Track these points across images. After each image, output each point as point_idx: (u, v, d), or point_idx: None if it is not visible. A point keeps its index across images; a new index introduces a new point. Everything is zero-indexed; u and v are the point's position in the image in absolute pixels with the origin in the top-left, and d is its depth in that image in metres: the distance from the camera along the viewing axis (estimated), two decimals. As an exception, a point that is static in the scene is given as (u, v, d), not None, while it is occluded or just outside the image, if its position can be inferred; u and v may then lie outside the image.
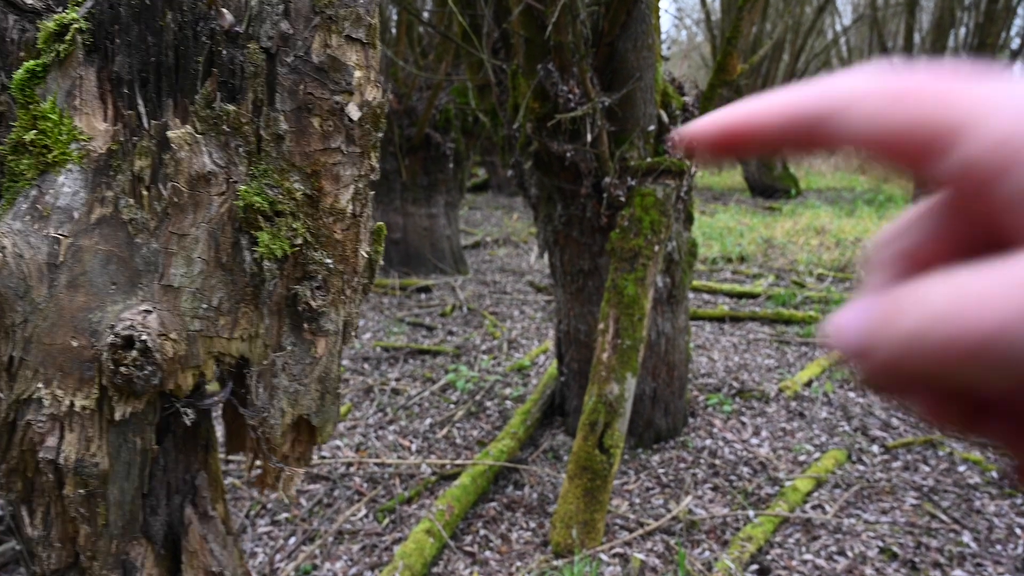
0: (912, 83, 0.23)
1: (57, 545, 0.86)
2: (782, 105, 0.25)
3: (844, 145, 0.24)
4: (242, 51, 0.77)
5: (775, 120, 0.25)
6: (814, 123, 0.24)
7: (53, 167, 0.77)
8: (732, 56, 2.92)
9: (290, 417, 0.94)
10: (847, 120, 0.24)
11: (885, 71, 0.24)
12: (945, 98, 0.22)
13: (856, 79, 0.24)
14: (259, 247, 0.82)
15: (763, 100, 0.26)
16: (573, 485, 2.49)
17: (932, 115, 0.22)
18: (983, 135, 0.21)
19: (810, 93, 0.25)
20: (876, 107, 0.23)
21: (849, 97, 0.24)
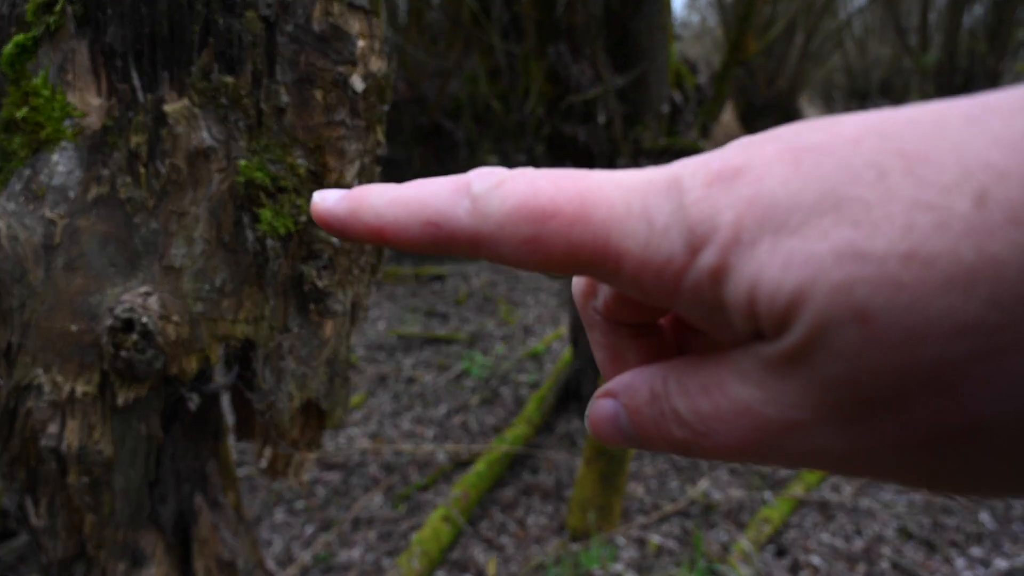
0: (546, 202, 0.23)
1: (63, 535, 0.85)
2: (424, 223, 0.24)
3: (506, 264, 0.24)
4: (240, 20, 0.74)
5: (421, 237, 0.24)
6: (464, 247, 0.24)
7: (46, 145, 0.74)
8: (747, 34, 2.86)
9: (298, 401, 0.92)
10: (501, 250, 0.23)
11: (508, 180, 0.23)
12: (585, 218, 0.22)
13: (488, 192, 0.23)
14: (262, 224, 0.79)
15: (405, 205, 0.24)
16: (589, 470, 2.47)
17: (582, 240, 0.22)
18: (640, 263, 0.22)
19: (452, 211, 0.24)
20: (523, 238, 0.23)
21: (495, 224, 0.23)
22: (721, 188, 0.21)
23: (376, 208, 0.25)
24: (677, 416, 0.23)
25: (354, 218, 0.25)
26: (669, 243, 0.21)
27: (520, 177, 0.23)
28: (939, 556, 2.26)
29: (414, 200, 0.24)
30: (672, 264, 0.21)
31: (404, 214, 0.24)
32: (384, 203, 0.25)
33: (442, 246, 0.24)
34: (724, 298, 0.21)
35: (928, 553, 2.27)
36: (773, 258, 0.19)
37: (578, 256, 0.23)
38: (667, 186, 0.22)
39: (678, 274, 0.21)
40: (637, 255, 0.22)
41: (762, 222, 0.20)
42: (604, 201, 0.22)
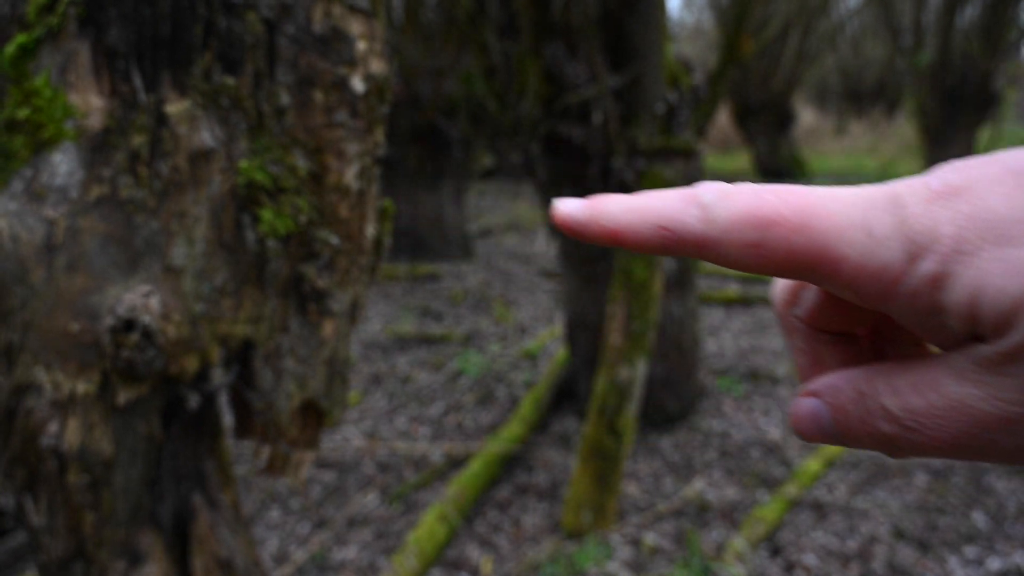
0: (770, 211, 0.25)
1: (62, 534, 0.85)
2: (657, 227, 0.27)
3: (729, 267, 0.27)
4: (241, 21, 0.75)
5: (652, 239, 0.27)
6: (691, 249, 0.26)
7: (48, 145, 0.74)
8: (741, 35, 2.87)
9: (297, 400, 0.92)
10: (726, 252, 0.26)
11: (735, 192, 0.26)
12: (806, 227, 0.24)
13: (718, 201, 0.26)
14: (262, 225, 0.79)
15: (639, 212, 0.27)
16: (584, 469, 2.48)
17: (803, 247, 0.25)
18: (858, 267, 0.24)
19: (684, 218, 0.26)
20: (748, 242, 0.25)
21: (722, 228, 0.26)
22: (941, 204, 0.23)
23: (613, 214, 0.27)
24: (886, 412, 0.25)
25: (593, 222, 0.28)
26: (888, 251, 0.24)
27: (746, 189, 0.26)
28: (933, 556, 2.27)
29: (647, 207, 0.27)
30: (889, 270, 0.24)
31: (638, 219, 0.27)
32: (620, 210, 0.27)
33: (670, 248, 0.27)
34: (942, 302, 0.23)
35: (922, 553, 2.29)
36: (995, 266, 0.22)
37: (797, 260, 0.25)
38: (887, 202, 0.24)
39: (895, 279, 0.24)
40: (855, 261, 0.24)
41: (983, 234, 0.22)
42: (825, 212, 0.25)
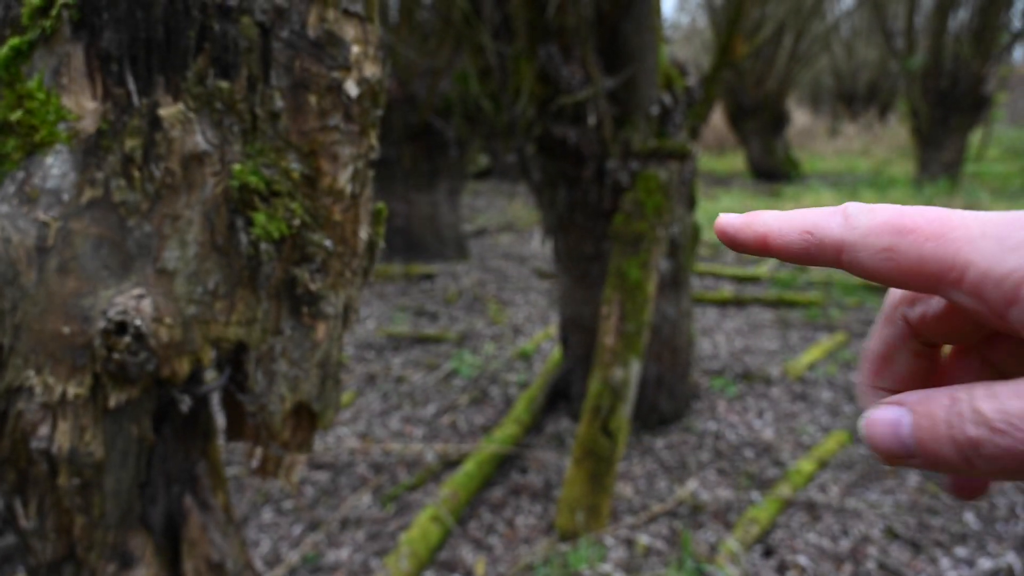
0: (908, 221, 0.27)
1: (52, 536, 0.85)
2: (803, 230, 0.29)
3: (860, 275, 0.29)
4: (235, 25, 0.75)
5: (796, 243, 0.29)
6: (830, 254, 0.29)
7: (40, 148, 0.74)
8: (736, 37, 2.88)
9: (290, 403, 0.92)
10: (860, 256, 0.28)
11: (879, 207, 0.28)
12: (940, 236, 0.26)
13: (861, 212, 0.28)
14: (255, 228, 0.79)
15: (788, 219, 0.30)
16: (578, 470, 2.48)
17: (933, 254, 0.26)
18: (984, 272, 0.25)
19: (828, 223, 0.29)
20: (882, 246, 0.27)
21: (861, 233, 0.28)
22: None
23: (766, 220, 0.30)
24: (978, 415, 0.25)
25: (747, 227, 0.31)
26: (1016, 258, 0.25)
27: (890, 206, 0.28)
28: (924, 556, 2.28)
29: (797, 215, 0.30)
30: (1015, 275, 0.24)
31: (787, 225, 0.30)
32: (772, 217, 0.30)
33: (812, 252, 0.29)
34: None
35: (914, 553, 2.30)
36: None
37: (925, 268, 0.26)
38: (1019, 220, 0.25)
39: (1019, 284, 0.24)
40: (982, 267, 0.25)
41: None
42: (960, 224, 0.26)
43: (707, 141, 15.45)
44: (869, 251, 0.27)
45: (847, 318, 4.66)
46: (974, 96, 9.22)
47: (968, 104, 9.28)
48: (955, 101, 9.29)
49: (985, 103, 9.32)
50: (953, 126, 9.46)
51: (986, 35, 8.81)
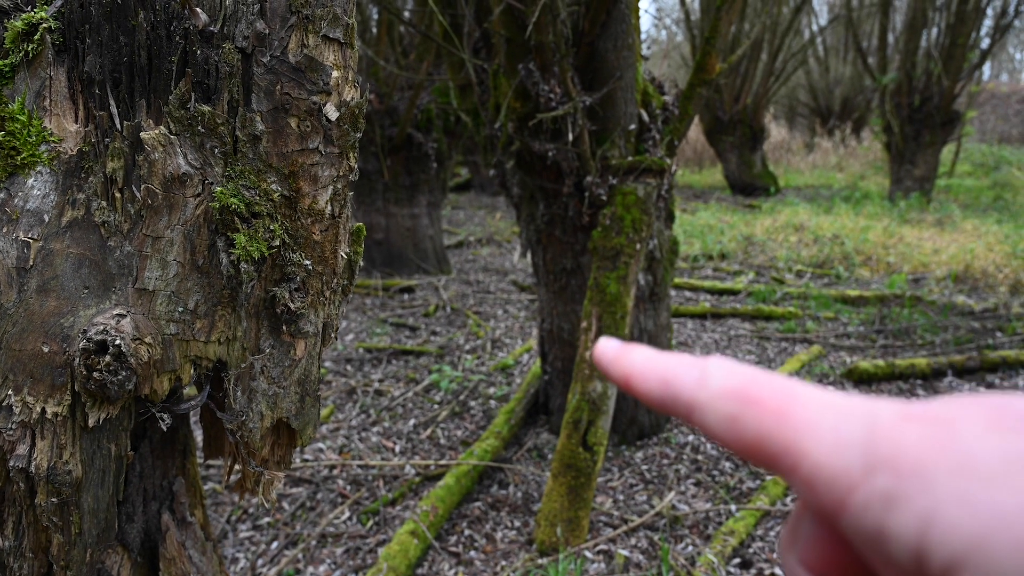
0: (754, 391, 0.26)
1: (29, 555, 0.85)
2: (661, 380, 0.29)
3: (712, 439, 0.28)
4: (217, 51, 0.76)
5: (654, 391, 0.29)
6: (683, 409, 0.28)
7: (22, 169, 0.75)
8: (711, 55, 2.93)
9: (269, 420, 0.93)
10: (707, 419, 0.27)
11: (739, 370, 0.27)
12: (782, 413, 0.25)
13: (717, 373, 0.28)
14: (236, 249, 0.80)
15: (652, 365, 0.30)
16: (557, 483, 2.49)
17: (773, 433, 0.25)
18: (816, 467, 0.24)
19: (684, 377, 0.29)
20: (727, 413, 0.26)
21: (710, 396, 0.27)
22: (914, 426, 0.23)
23: (633, 360, 0.31)
24: None
25: (616, 363, 0.31)
26: (849, 457, 0.23)
27: (748, 371, 0.27)
28: (895, 566, 2.32)
29: (660, 362, 0.30)
30: (846, 476, 0.23)
31: (649, 371, 0.30)
32: (639, 359, 0.31)
33: (667, 402, 0.29)
34: (890, 526, 0.21)
35: (885, 564, 2.33)
36: (953, 498, 0.20)
37: (764, 446, 0.25)
38: (864, 413, 0.24)
39: (850, 489, 0.23)
40: (815, 460, 0.24)
41: (948, 463, 0.21)
42: (802, 407, 0.25)
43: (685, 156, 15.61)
44: (715, 416, 0.27)
45: (823, 331, 4.72)
46: (945, 113, 9.42)
47: (940, 120, 9.47)
48: (927, 117, 9.49)
49: (956, 119, 9.52)
50: (925, 142, 9.65)
51: (956, 53, 9.02)
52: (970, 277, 5.90)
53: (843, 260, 6.63)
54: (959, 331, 4.60)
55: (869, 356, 4.28)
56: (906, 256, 6.57)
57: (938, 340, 4.46)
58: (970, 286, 5.72)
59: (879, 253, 6.75)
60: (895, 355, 4.29)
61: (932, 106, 9.38)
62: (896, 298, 5.26)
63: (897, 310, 5.04)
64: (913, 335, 4.61)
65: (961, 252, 6.42)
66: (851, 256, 6.67)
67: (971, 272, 5.95)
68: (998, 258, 6.18)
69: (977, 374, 3.91)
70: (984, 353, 4.01)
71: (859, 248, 6.91)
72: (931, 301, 5.20)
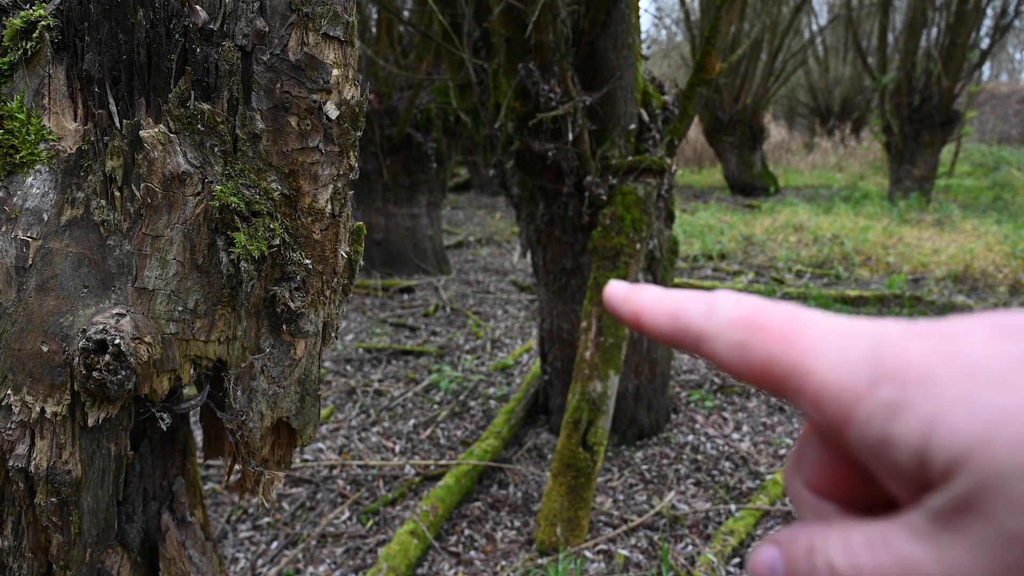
0: (762, 318, 0.27)
1: (29, 555, 0.84)
2: (670, 315, 0.30)
3: (719, 368, 0.28)
4: (216, 49, 0.76)
5: (664, 325, 0.30)
6: (691, 341, 0.29)
7: (21, 168, 0.75)
8: (711, 55, 2.93)
9: (269, 420, 0.93)
10: (716, 347, 0.28)
11: (745, 300, 0.28)
12: (788, 337, 0.26)
13: (725, 304, 0.28)
14: (236, 248, 0.80)
15: (660, 301, 0.30)
16: (557, 483, 2.49)
17: (780, 355, 0.26)
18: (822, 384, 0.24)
19: (692, 311, 0.29)
20: (735, 340, 0.27)
21: (718, 325, 0.28)
22: (919, 340, 0.23)
23: (642, 298, 0.31)
24: (831, 568, 0.24)
25: (626, 301, 0.32)
26: (854, 372, 0.24)
27: (753, 300, 0.28)
28: (896, 566, 2.31)
29: (669, 298, 0.30)
30: (851, 390, 0.23)
31: (658, 306, 0.30)
32: (649, 296, 0.31)
33: (676, 337, 0.29)
34: (894, 434, 0.22)
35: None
36: (955, 402, 0.21)
37: (772, 369, 0.26)
38: (870, 332, 0.25)
39: (855, 402, 0.23)
40: (821, 377, 0.24)
41: (951, 369, 0.21)
42: (809, 330, 0.26)
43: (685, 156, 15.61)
44: (724, 344, 0.27)
45: (822, 331, 4.72)
46: (945, 113, 9.42)
47: (939, 120, 9.47)
48: (927, 117, 9.49)
49: (956, 119, 9.52)
50: (925, 142, 9.65)
51: (956, 53, 9.02)
52: (969, 277, 5.90)
53: (843, 260, 6.63)
54: (959, 331, 4.59)
55: (869, 356, 4.28)
56: (906, 256, 6.57)
57: (938, 340, 4.45)
58: (969, 286, 5.72)
59: (879, 253, 6.75)
60: (895, 355, 4.28)
61: (932, 106, 9.38)
62: (896, 298, 5.26)
63: (897, 310, 5.04)
64: (913, 335, 4.60)
65: (960, 252, 6.42)
66: (851, 256, 6.67)
67: (970, 272, 5.95)
68: (998, 258, 6.18)
69: (977, 374, 3.90)
70: (984, 353, 4.00)
71: (859, 248, 6.91)
72: (931, 301, 5.20)
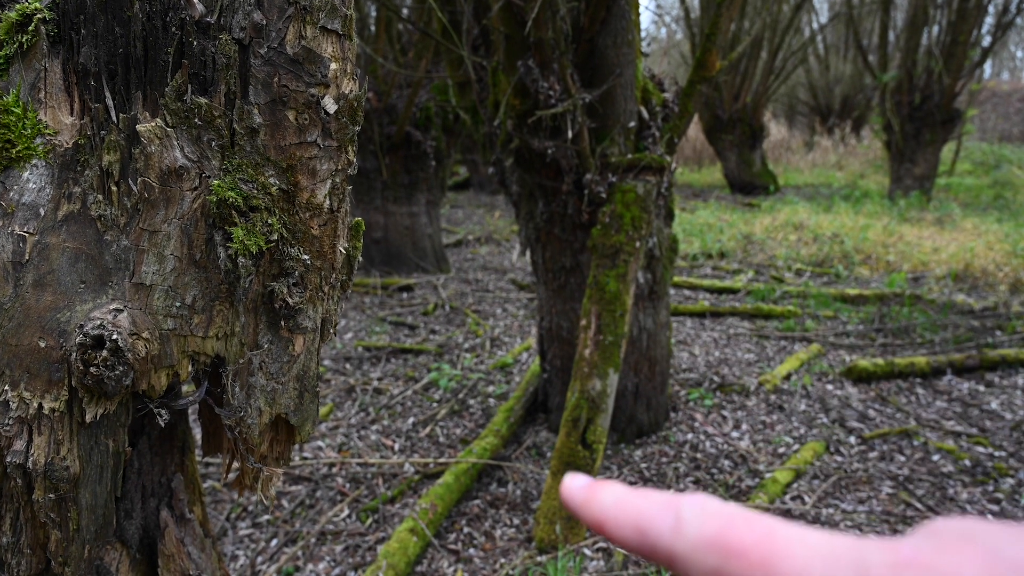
0: (735, 541, 0.25)
1: (27, 551, 0.84)
2: (635, 528, 0.27)
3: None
4: (214, 42, 0.75)
5: (631, 539, 0.28)
6: (663, 559, 0.27)
7: (17, 162, 0.74)
8: (711, 52, 2.92)
9: (268, 416, 0.93)
10: (690, 570, 0.26)
11: (712, 510, 0.26)
12: (767, 565, 0.24)
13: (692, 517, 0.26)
14: (234, 243, 0.80)
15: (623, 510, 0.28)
16: (556, 481, 2.49)
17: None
18: None
19: (658, 525, 0.27)
20: (711, 567, 0.25)
21: (689, 545, 0.26)
22: (905, 572, 0.22)
23: (603, 504, 0.29)
24: None
25: (586, 506, 0.29)
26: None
27: (724, 512, 0.26)
28: (896, 564, 2.31)
29: (631, 505, 0.28)
30: None
31: (622, 516, 0.28)
32: (610, 501, 0.29)
33: (646, 553, 0.27)
34: None
35: (885, 561, 2.33)
36: None
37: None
38: (852, 560, 0.23)
39: None
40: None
41: None
42: (788, 556, 0.24)
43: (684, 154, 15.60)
44: (699, 568, 0.26)
45: (823, 329, 4.72)
46: (946, 111, 9.41)
47: (940, 119, 9.47)
48: (927, 115, 9.48)
49: (957, 118, 9.51)
50: (925, 140, 9.64)
51: (957, 51, 9.01)
52: (970, 276, 5.89)
53: (843, 259, 6.63)
54: (959, 330, 4.60)
55: (868, 355, 4.28)
56: (906, 255, 6.57)
57: (937, 339, 4.46)
58: (970, 285, 5.72)
59: (879, 252, 6.74)
60: (894, 354, 4.28)
61: (933, 104, 9.37)
62: (896, 297, 5.26)
63: (897, 309, 5.04)
64: (913, 334, 4.61)
65: (961, 251, 6.42)
66: (851, 255, 6.67)
67: (971, 271, 5.95)
68: (998, 257, 6.18)
69: (976, 372, 3.91)
70: (984, 352, 4.01)
71: (859, 247, 6.90)
72: (931, 300, 5.19)
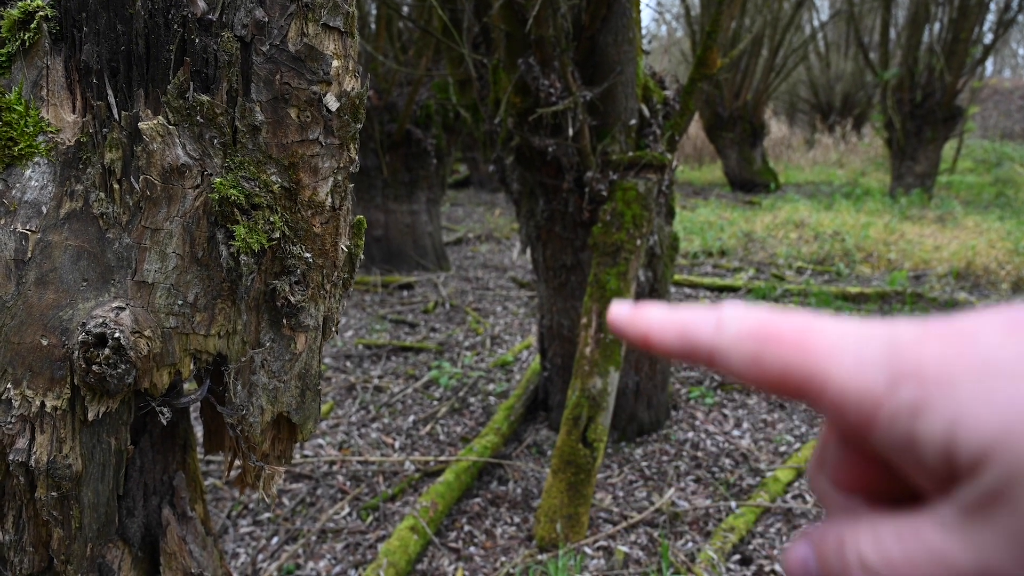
0: (772, 329, 0.27)
1: (30, 549, 0.84)
2: (679, 333, 0.30)
3: (733, 377, 0.28)
4: (215, 40, 0.75)
5: (674, 344, 0.30)
6: (704, 356, 0.29)
7: (20, 160, 0.74)
8: (712, 50, 2.92)
9: (270, 415, 0.93)
10: (730, 361, 0.28)
11: (752, 312, 0.28)
12: (801, 345, 0.26)
13: (733, 317, 0.28)
14: (236, 241, 0.80)
15: (668, 320, 0.30)
16: (557, 479, 2.49)
17: (795, 364, 0.26)
18: (842, 390, 0.25)
19: (701, 327, 0.29)
20: (749, 353, 0.27)
21: (729, 339, 0.28)
22: (935, 339, 0.24)
23: (648, 318, 0.31)
24: (862, 562, 0.25)
25: (631, 323, 0.31)
26: (873, 376, 0.24)
27: (762, 311, 0.28)
28: (896, 562, 2.31)
29: (676, 316, 0.30)
30: (872, 394, 0.24)
31: (667, 325, 0.30)
32: (655, 316, 0.31)
33: (688, 352, 0.29)
34: (919, 433, 0.23)
35: (886, 559, 2.33)
36: (977, 397, 0.21)
37: (789, 378, 0.26)
38: (884, 334, 0.25)
39: (876, 405, 0.24)
40: (840, 382, 0.25)
41: (970, 367, 0.22)
42: (821, 336, 0.26)
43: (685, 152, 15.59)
44: (738, 357, 0.27)
45: (823, 327, 4.71)
46: (947, 108, 9.40)
47: (941, 116, 9.45)
48: (929, 113, 9.47)
49: (958, 115, 9.50)
50: (927, 138, 9.63)
51: (959, 48, 8.99)
52: (972, 274, 5.89)
53: (844, 257, 6.62)
54: (960, 327, 4.59)
55: (870, 352, 4.27)
56: (907, 253, 6.56)
57: (939, 336, 4.45)
58: (972, 283, 5.71)
59: (880, 250, 6.74)
60: (896, 351, 4.27)
61: (934, 102, 9.36)
62: (897, 295, 5.26)
63: (898, 307, 5.04)
64: (914, 331, 4.60)
65: (963, 249, 6.42)
66: (852, 253, 6.66)
67: (973, 269, 5.94)
68: (1000, 255, 6.17)
69: (978, 370, 3.90)
70: (985, 349, 4.00)
71: (860, 245, 6.90)
72: (932, 298, 5.19)
